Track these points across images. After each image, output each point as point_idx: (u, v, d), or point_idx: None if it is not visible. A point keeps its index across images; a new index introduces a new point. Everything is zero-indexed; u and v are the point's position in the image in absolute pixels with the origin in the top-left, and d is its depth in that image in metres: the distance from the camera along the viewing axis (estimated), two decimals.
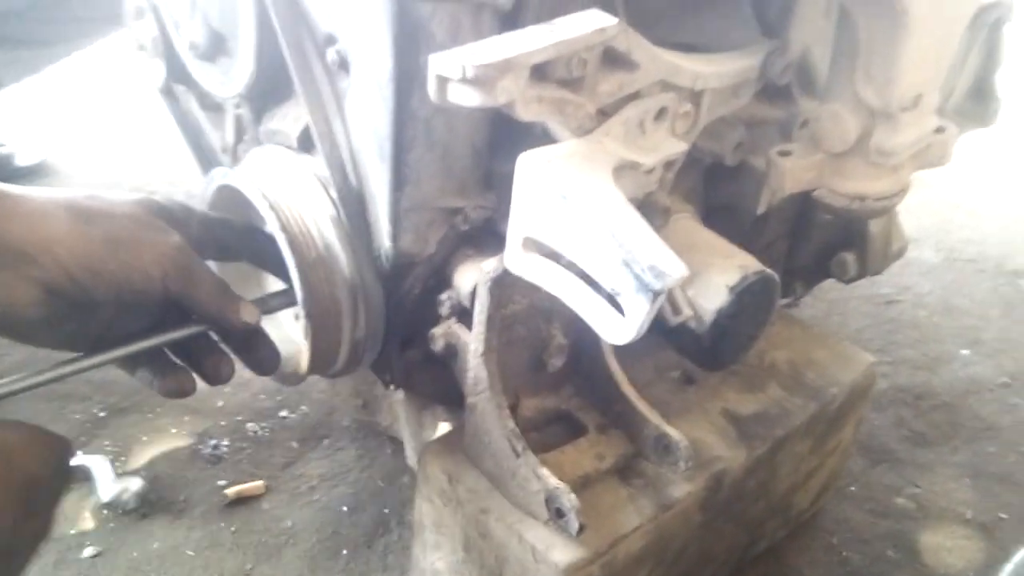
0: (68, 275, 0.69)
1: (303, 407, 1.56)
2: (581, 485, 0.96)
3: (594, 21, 0.76)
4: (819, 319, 1.81)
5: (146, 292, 0.75)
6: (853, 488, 1.43)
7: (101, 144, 2.58)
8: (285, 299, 0.94)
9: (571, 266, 0.74)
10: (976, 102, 1.44)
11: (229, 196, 1.01)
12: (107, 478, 1.36)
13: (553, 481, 0.90)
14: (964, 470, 1.48)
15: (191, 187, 2.29)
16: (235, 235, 0.90)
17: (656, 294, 0.66)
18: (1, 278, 0.66)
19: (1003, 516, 1.39)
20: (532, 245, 0.77)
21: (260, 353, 0.88)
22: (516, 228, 0.78)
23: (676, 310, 0.93)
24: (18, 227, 0.67)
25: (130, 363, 0.81)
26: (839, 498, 1.40)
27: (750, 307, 0.95)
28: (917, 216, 2.17)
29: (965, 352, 1.76)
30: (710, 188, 1.13)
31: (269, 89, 1.04)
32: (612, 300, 0.71)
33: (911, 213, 2.16)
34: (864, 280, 1.38)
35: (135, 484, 1.34)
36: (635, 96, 0.85)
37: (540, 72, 0.73)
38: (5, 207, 0.67)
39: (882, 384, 1.62)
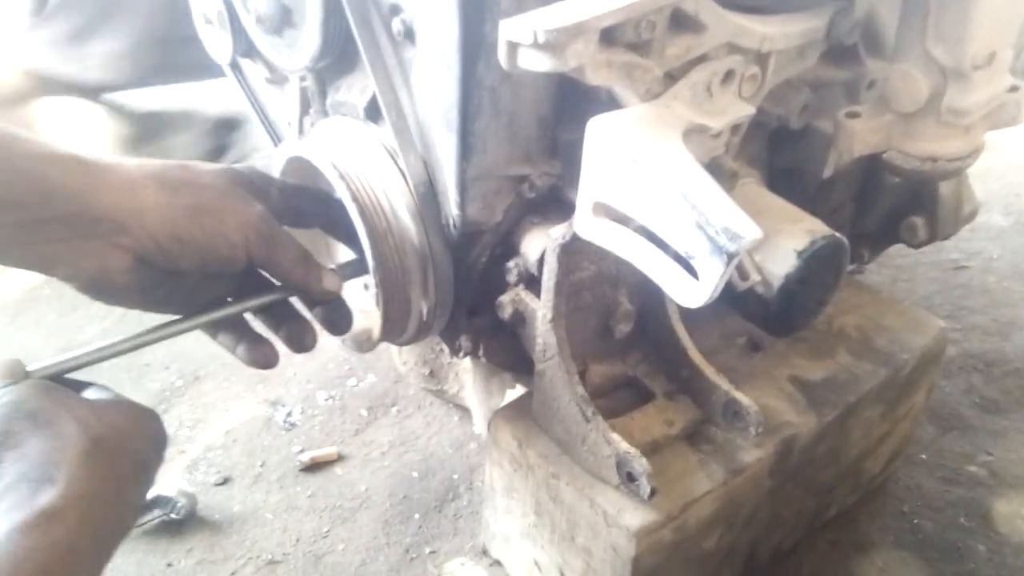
0: (157, 244, 0.72)
1: (371, 376, 1.59)
2: (651, 450, 0.96)
3: None
4: (886, 286, 1.78)
5: (230, 260, 0.77)
6: (924, 455, 1.41)
7: None
8: (358, 268, 0.96)
9: (642, 230, 0.74)
10: None
11: (299, 167, 1.03)
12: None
13: (624, 445, 0.91)
14: None
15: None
16: (311, 202, 0.92)
17: (731, 256, 0.66)
18: (95, 246, 0.69)
19: None
20: (602, 210, 0.78)
21: (337, 314, 0.91)
22: (586, 193, 0.78)
23: (744, 275, 0.93)
24: (110, 197, 0.70)
25: (212, 328, 0.85)
26: (909, 465, 1.39)
27: (819, 272, 0.94)
28: (983, 180, 2.11)
29: None
30: (775, 152, 1.12)
31: (335, 61, 1.05)
32: (684, 263, 0.71)
33: (977, 178, 2.09)
34: (931, 245, 1.35)
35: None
36: (702, 59, 0.84)
37: (609, 36, 0.73)
38: (97, 178, 0.70)
39: (952, 351, 1.59)
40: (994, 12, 0.91)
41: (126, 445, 0.65)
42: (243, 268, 0.79)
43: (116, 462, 0.63)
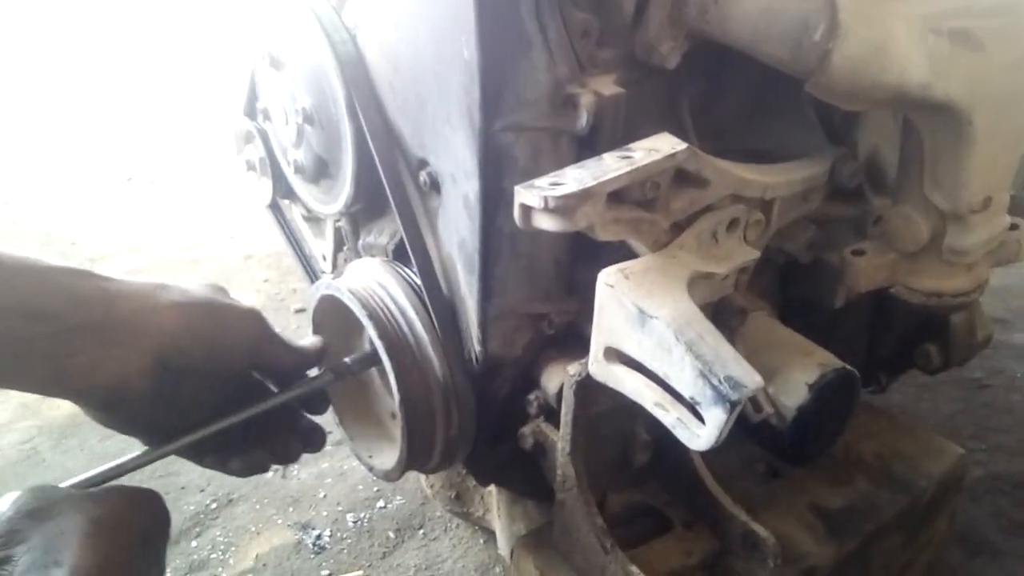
0: (173, 339, 0.76)
1: (398, 497, 1.61)
2: None
3: (665, 145, 0.81)
4: (908, 404, 1.79)
5: (233, 355, 0.81)
6: None
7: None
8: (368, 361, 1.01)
9: (651, 375, 0.78)
10: None
11: (331, 304, 1.09)
12: None
13: None
14: None
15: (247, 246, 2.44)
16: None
17: (733, 404, 0.70)
18: (117, 353, 0.73)
19: None
20: (614, 354, 0.82)
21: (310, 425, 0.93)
22: (598, 339, 0.83)
23: (757, 408, 0.95)
24: (128, 304, 0.75)
25: (196, 452, 0.86)
26: None
27: (831, 403, 0.97)
28: (1004, 298, 2.13)
29: None
30: (788, 284, 1.16)
31: (367, 206, 1.13)
32: (692, 408, 0.75)
33: (999, 296, 2.13)
34: None
35: None
36: (707, 209, 0.90)
37: (616, 196, 0.78)
38: (114, 289, 0.75)
39: (977, 472, 1.59)
40: (987, 161, 0.95)
41: (124, 521, 0.68)
42: (240, 369, 0.83)
43: (117, 537, 0.67)
